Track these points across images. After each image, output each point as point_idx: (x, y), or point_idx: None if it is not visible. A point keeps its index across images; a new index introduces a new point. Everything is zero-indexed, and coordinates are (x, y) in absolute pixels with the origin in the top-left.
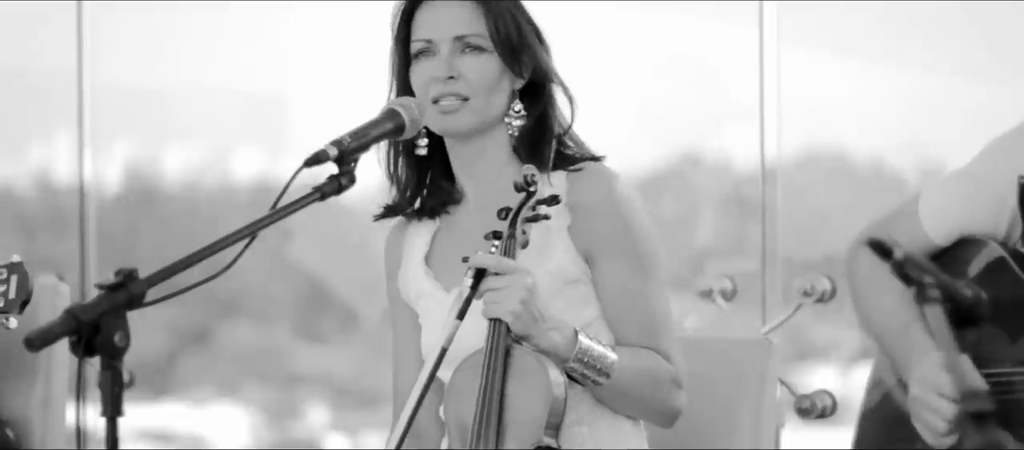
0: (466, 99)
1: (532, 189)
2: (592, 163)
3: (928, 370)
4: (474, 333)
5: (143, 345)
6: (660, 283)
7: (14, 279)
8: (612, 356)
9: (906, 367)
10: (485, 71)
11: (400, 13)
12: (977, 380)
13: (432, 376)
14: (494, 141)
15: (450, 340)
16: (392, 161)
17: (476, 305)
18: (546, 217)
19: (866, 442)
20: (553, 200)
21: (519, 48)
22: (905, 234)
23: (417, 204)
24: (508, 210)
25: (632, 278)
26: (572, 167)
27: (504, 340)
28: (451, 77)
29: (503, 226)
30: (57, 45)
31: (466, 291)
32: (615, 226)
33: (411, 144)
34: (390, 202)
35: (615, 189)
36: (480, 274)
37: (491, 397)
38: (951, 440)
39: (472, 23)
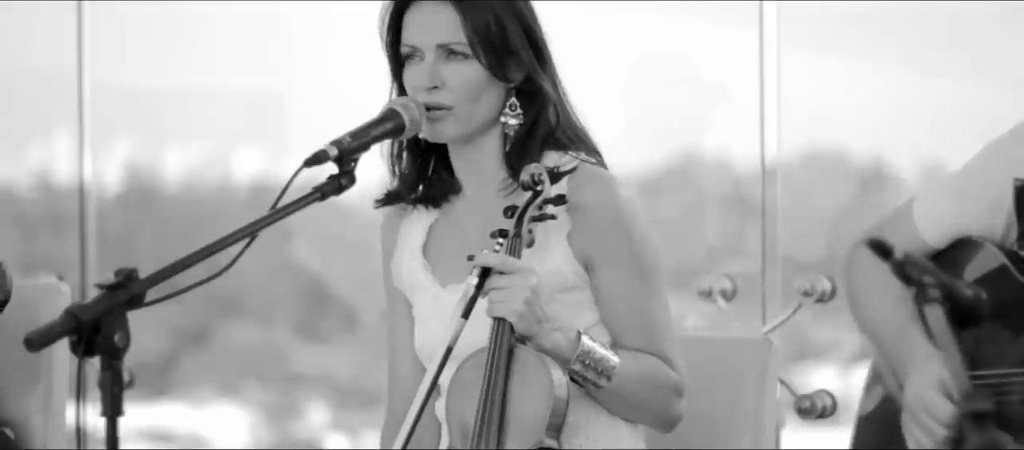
0: (450, 108)
1: (539, 188)
2: (590, 166)
3: (920, 385)
4: (475, 331)
5: (143, 345)
6: (661, 289)
7: None
8: (614, 359)
9: (902, 370)
10: (468, 79)
11: (389, 16)
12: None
13: (437, 375)
14: (493, 140)
15: (456, 339)
16: (395, 151)
17: (479, 303)
18: (552, 217)
19: (864, 442)
20: (560, 200)
21: (503, 53)
22: (900, 236)
23: (419, 191)
24: (515, 208)
25: (633, 285)
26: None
27: (507, 339)
28: (434, 86)
29: (508, 224)
30: (57, 45)
31: (471, 290)
32: (616, 234)
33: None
34: (391, 189)
35: (617, 195)
36: (485, 272)
37: (493, 396)
38: None
39: (455, 30)
